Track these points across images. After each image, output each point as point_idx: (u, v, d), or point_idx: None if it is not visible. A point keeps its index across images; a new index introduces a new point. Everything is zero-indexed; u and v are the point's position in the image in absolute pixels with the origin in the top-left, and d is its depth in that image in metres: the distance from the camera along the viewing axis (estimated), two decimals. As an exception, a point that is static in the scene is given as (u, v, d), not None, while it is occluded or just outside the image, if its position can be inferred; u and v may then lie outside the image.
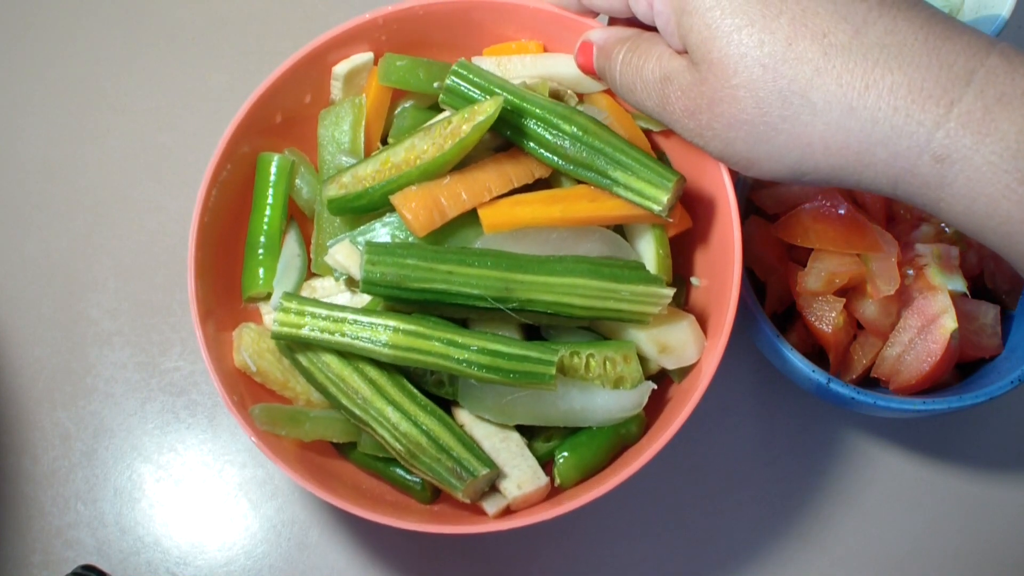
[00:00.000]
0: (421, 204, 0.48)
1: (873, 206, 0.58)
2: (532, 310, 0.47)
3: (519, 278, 0.46)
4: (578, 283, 0.47)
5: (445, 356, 0.46)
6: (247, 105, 0.51)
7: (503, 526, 0.47)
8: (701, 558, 0.61)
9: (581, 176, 0.50)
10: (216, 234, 0.51)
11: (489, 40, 0.54)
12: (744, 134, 0.41)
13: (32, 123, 0.69)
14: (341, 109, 0.53)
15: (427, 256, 0.46)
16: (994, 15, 0.63)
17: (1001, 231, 0.38)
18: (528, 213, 0.49)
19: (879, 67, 0.38)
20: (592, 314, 0.47)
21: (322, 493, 0.46)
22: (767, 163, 0.42)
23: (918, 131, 0.37)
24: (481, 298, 0.46)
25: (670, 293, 0.48)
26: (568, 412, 0.49)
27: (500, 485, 0.48)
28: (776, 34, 0.39)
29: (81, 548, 0.59)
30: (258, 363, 0.49)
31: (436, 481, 0.47)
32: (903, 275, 0.55)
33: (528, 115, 0.49)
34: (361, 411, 0.47)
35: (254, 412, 0.48)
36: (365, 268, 0.46)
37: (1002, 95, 0.37)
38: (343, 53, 0.53)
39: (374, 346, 0.46)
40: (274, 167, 0.53)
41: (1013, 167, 0.36)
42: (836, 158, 0.40)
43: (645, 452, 0.47)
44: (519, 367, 0.46)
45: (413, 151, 0.49)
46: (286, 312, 0.47)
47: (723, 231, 0.51)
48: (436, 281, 0.46)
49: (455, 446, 0.47)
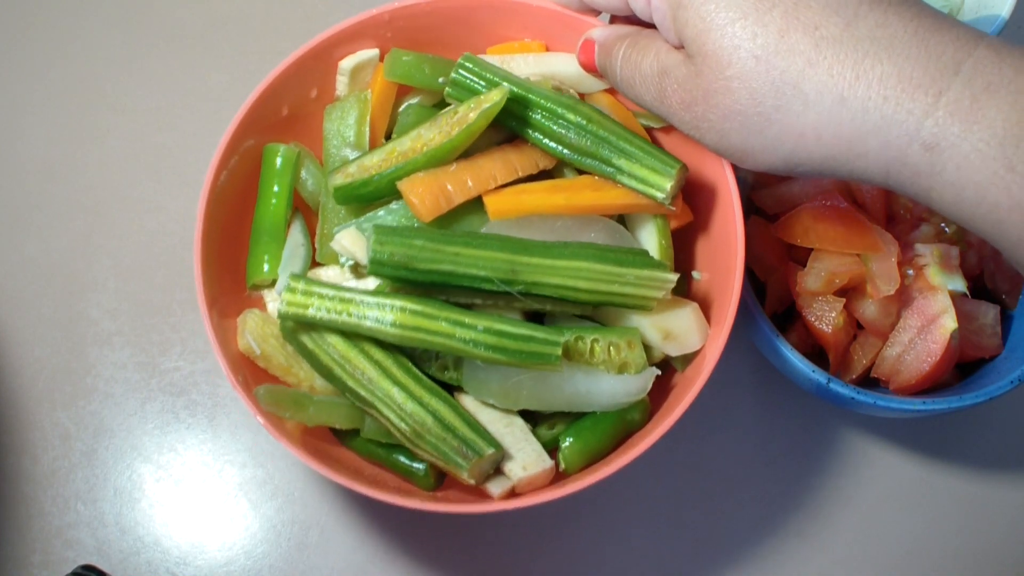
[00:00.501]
0: (427, 190, 0.48)
1: (873, 206, 0.58)
2: (537, 294, 0.47)
3: (525, 260, 0.47)
4: (583, 266, 0.47)
5: (451, 336, 0.46)
6: (254, 96, 0.51)
7: (508, 506, 0.47)
8: (701, 558, 0.61)
9: (585, 166, 0.51)
10: (220, 225, 0.51)
11: (492, 40, 0.55)
12: (738, 125, 0.42)
13: (32, 123, 0.69)
14: (347, 104, 0.54)
15: (435, 238, 0.47)
16: (994, 15, 0.63)
17: (991, 219, 0.38)
18: (533, 201, 0.50)
19: (869, 58, 0.39)
20: (597, 298, 0.48)
21: (327, 472, 0.46)
22: (761, 154, 0.42)
23: (907, 120, 0.38)
24: (488, 280, 0.46)
25: (674, 278, 0.48)
26: (573, 396, 0.49)
27: (505, 467, 0.49)
28: (769, 27, 0.40)
29: (81, 548, 0.59)
30: (262, 347, 0.50)
31: (442, 462, 0.47)
32: (903, 275, 0.55)
33: (533, 105, 0.50)
34: (366, 392, 0.47)
35: (259, 392, 0.48)
36: (373, 248, 0.46)
37: (989, 84, 0.37)
38: (349, 49, 0.53)
39: (381, 326, 0.46)
40: (280, 157, 0.53)
41: (1000, 154, 0.37)
42: (828, 148, 0.40)
43: (650, 436, 0.47)
44: (525, 347, 0.46)
45: (420, 140, 0.50)
46: (293, 292, 0.47)
47: (724, 224, 0.51)
48: (443, 262, 0.46)
49: (461, 426, 0.47)
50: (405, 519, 0.60)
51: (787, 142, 0.41)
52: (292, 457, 0.61)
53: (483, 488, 0.49)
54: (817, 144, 0.41)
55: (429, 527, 0.60)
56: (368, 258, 0.46)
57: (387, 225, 0.49)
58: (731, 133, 0.42)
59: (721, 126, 0.42)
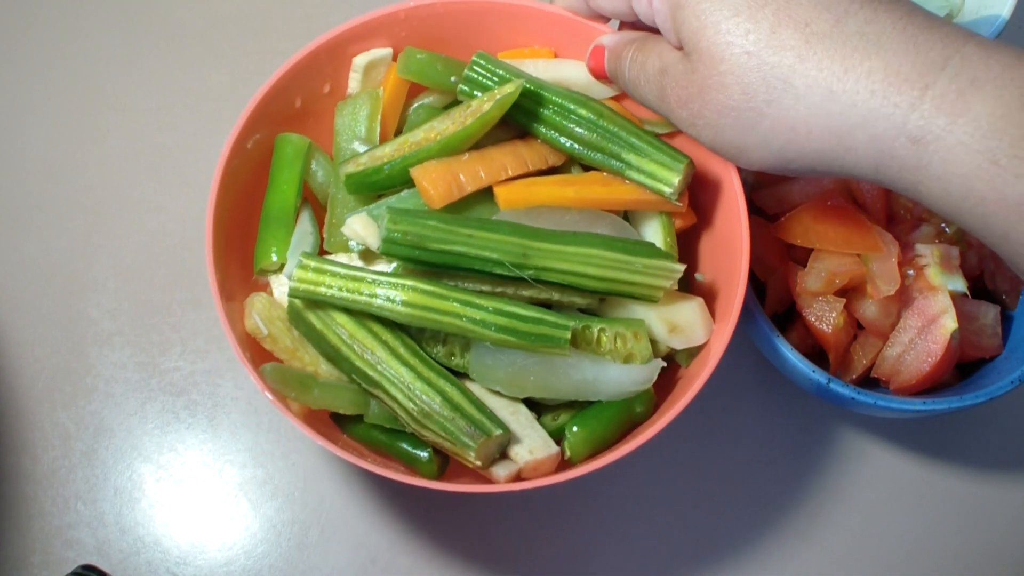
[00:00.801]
0: (440, 176, 0.49)
1: (873, 206, 0.58)
2: (547, 280, 0.48)
3: (536, 245, 0.47)
4: (593, 253, 0.48)
5: (461, 317, 0.46)
6: (268, 84, 0.51)
7: (514, 487, 0.47)
8: (701, 558, 0.61)
9: (594, 161, 0.51)
10: (229, 212, 0.52)
11: (502, 45, 0.56)
12: (732, 120, 0.42)
13: (32, 123, 0.69)
14: (359, 99, 0.54)
15: (447, 220, 0.47)
16: (994, 15, 0.63)
17: (977, 212, 0.38)
18: (543, 192, 0.51)
19: (858, 53, 0.39)
20: (605, 286, 0.48)
21: (335, 448, 0.46)
22: (755, 151, 0.43)
23: (894, 113, 0.39)
24: (499, 263, 0.47)
25: (681, 268, 0.49)
26: (580, 383, 0.49)
27: (511, 452, 0.49)
28: (761, 23, 0.40)
29: (81, 548, 0.59)
30: (269, 328, 0.50)
31: (449, 443, 0.47)
32: (903, 275, 0.55)
33: (545, 101, 0.51)
34: (374, 372, 0.48)
35: (265, 370, 0.48)
36: (387, 227, 0.46)
37: (975, 79, 0.38)
38: (363, 46, 0.54)
39: (391, 304, 0.47)
40: (291, 145, 0.54)
41: (984, 147, 0.37)
42: (819, 142, 0.41)
43: (655, 425, 0.47)
44: (535, 329, 0.47)
45: (433, 131, 0.51)
46: (304, 270, 0.47)
47: (728, 224, 0.52)
48: (456, 243, 0.46)
49: (469, 407, 0.48)
50: (406, 519, 0.60)
51: (779, 137, 0.42)
52: (292, 457, 0.61)
53: (488, 474, 0.49)
54: (808, 139, 0.41)
55: (430, 527, 0.60)
56: (381, 236, 0.47)
57: (400, 207, 0.50)
58: (725, 129, 0.43)
59: (716, 122, 0.43)
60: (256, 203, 0.54)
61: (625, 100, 0.55)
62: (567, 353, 0.47)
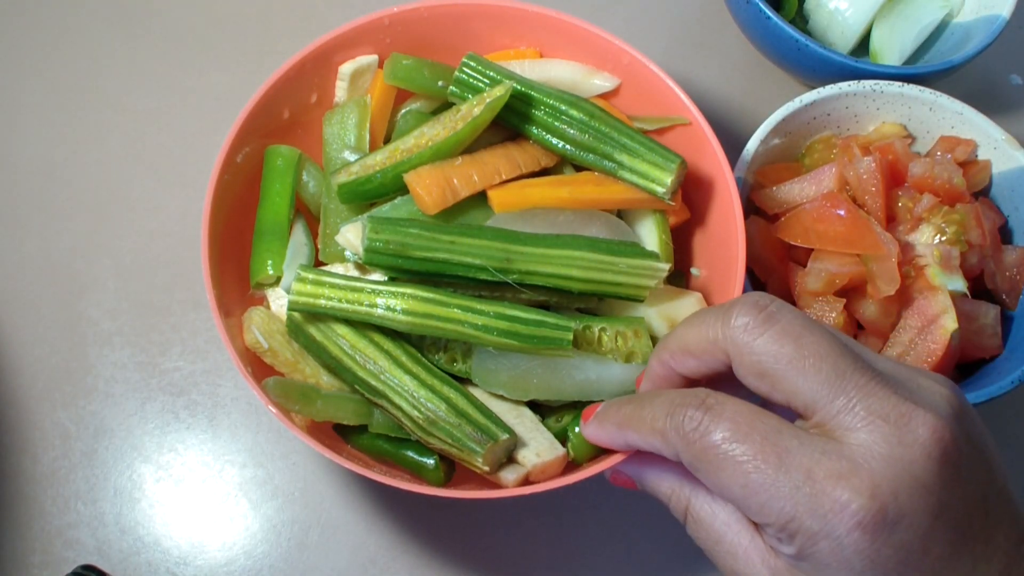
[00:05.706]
0: (434, 182, 0.49)
1: (873, 206, 0.58)
2: (532, 284, 0.47)
3: (519, 249, 0.47)
4: (576, 255, 0.48)
5: (463, 323, 0.46)
6: (256, 97, 0.51)
7: (524, 491, 0.46)
8: (701, 557, 0.61)
9: (586, 162, 0.51)
10: (223, 227, 0.51)
11: (487, 48, 0.56)
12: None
13: (32, 123, 0.69)
14: (347, 108, 0.54)
15: (430, 227, 0.47)
16: (994, 15, 0.63)
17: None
18: (537, 194, 0.50)
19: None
20: (591, 287, 0.48)
21: (342, 460, 0.46)
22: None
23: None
24: (483, 268, 0.47)
25: (666, 266, 0.49)
26: (583, 383, 0.49)
27: (518, 455, 0.49)
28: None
29: (81, 548, 0.59)
30: (270, 342, 0.50)
31: (455, 449, 0.47)
32: (903, 275, 0.55)
33: (536, 102, 0.51)
34: (377, 382, 0.47)
35: (268, 384, 0.48)
36: (368, 236, 0.46)
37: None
38: (349, 54, 0.54)
39: (392, 314, 0.46)
40: (281, 158, 0.54)
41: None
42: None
43: None
44: (537, 332, 0.47)
45: (423, 137, 0.50)
46: (303, 282, 0.47)
47: (723, 220, 0.52)
48: (438, 250, 0.46)
49: (474, 413, 0.47)
50: (406, 520, 0.60)
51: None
52: (292, 457, 0.61)
53: (495, 478, 0.49)
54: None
55: (430, 529, 0.60)
56: (363, 246, 0.46)
57: (382, 216, 0.49)
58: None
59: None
60: (249, 216, 0.54)
61: (615, 99, 0.55)
62: (570, 354, 0.47)
